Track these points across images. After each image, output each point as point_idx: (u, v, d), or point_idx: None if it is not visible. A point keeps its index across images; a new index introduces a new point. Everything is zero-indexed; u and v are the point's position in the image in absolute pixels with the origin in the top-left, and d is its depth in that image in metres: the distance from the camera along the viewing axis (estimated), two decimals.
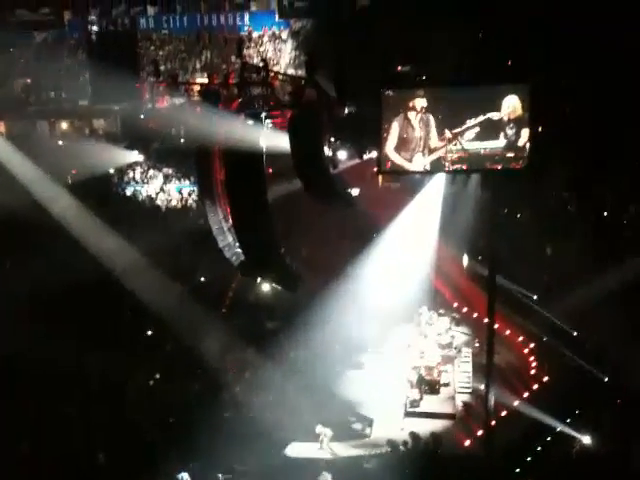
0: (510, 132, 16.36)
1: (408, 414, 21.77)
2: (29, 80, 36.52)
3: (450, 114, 16.51)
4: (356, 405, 22.54)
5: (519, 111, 16.19)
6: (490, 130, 16.41)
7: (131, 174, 34.74)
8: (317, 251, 25.43)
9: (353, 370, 24.72)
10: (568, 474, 17.91)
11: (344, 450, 19.84)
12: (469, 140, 16.39)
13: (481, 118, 16.25)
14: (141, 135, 31.25)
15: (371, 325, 26.71)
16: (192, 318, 22.55)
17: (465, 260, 28.32)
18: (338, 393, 23.19)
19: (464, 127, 16.30)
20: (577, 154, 23.44)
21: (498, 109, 16.20)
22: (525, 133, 16.22)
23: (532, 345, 25.44)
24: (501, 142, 16.45)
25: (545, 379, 23.41)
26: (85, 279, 21.34)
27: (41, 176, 21.68)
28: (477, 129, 16.33)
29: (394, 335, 27.26)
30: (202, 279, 24.92)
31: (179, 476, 18.00)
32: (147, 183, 34.21)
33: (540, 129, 17.32)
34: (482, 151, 16.49)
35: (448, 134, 16.36)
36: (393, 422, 21.31)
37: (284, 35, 40.16)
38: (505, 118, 16.25)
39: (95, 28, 33.90)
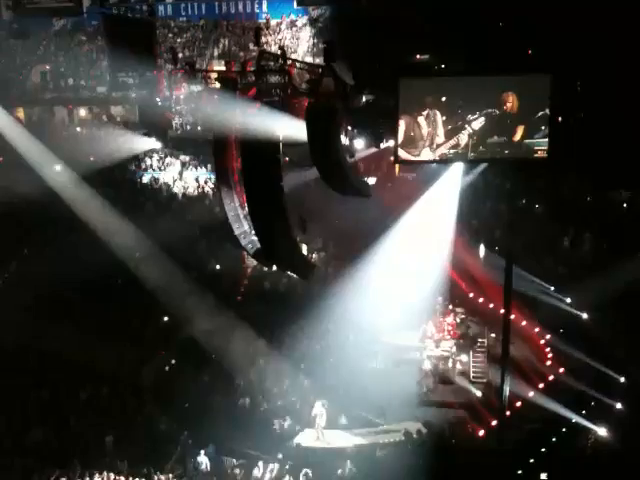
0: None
1: (422, 403, 21.76)
2: (48, 67, 36.68)
3: (464, 105, 16.33)
4: (370, 394, 22.55)
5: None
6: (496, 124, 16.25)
7: (148, 161, 34.88)
8: (332, 240, 25.41)
9: (367, 359, 24.71)
10: (582, 466, 17.84)
11: (357, 438, 19.89)
12: (481, 135, 16.20)
13: (492, 112, 16.07)
14: (159, 122, 31.32)
15: (386, 314, 26.72)
16: (207, 306, 22.65)
17: (482, 251, 28.17)
18: (352, 382, 23.23)
19: (474, 118, 16.12)
20: (594, 147, 23.20)
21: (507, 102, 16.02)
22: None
23: (548, 336, 25.30)
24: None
25: (561, 370, 23.28)
26: (100, 267, 21.48)
27: (58, 163, 21.74)
28: (490, 123, 16.15)
29: (409, 325, 27.23)
30: (217, 267, 24.95)
31: (199, 459, 18.19)
32: (164, 170, 34.35)
33: (560, 120, 17.16)
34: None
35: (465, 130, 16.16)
36: (407, 411, 21.32)
37: (302, 22, 40.03)
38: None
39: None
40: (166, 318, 23.13)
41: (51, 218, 20.45)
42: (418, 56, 22.20)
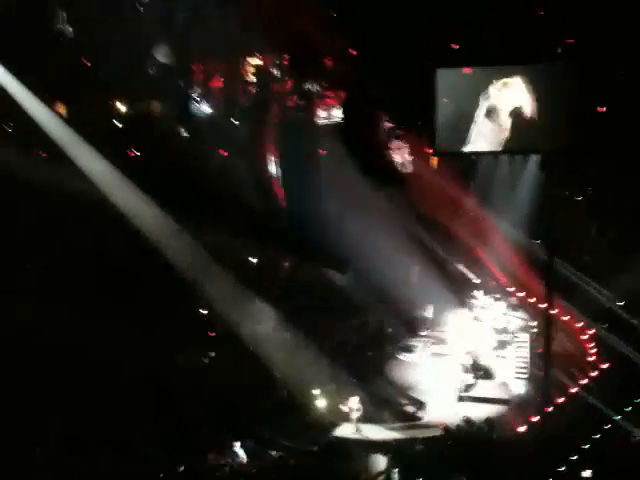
0: None
1: (462, 398, 21.54)
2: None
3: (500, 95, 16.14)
4: (409, 388, 22.42)
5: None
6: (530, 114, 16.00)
7: None
8: (369, 232, 25.22)
9: (406, 353, 24.57)
10: (626, 464, 17.42)
11: (396, 432, 19.78)
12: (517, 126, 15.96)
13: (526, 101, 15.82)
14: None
15: (425, 308, 26.52)
16: (245, 299, 22.71)
17: (522, 243, 27.71)
18: (391, 376, 23.10)
19: (509, 109, 15.90)
20: (623, 136, 22.56)
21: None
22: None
23: (591, 331, 24.81)
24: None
25: (605, 366, 22.80)
26: (137, 258, 21.69)
27: (97, 157, 21.99)
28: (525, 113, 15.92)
29: (448, 319, 26.99)
30: (254, 260, 24.99)
31: (236, 450, 18.32)
32: None
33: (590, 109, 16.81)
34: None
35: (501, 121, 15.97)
36: (446, 406, 21.12)
37: None
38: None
39: None
40: (204, 311, 23.27)
41: (89, 210, 20.71)
42: (453, 46, 21.90)
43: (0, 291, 19.17)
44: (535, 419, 19.70)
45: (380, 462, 18.37)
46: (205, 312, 23.22)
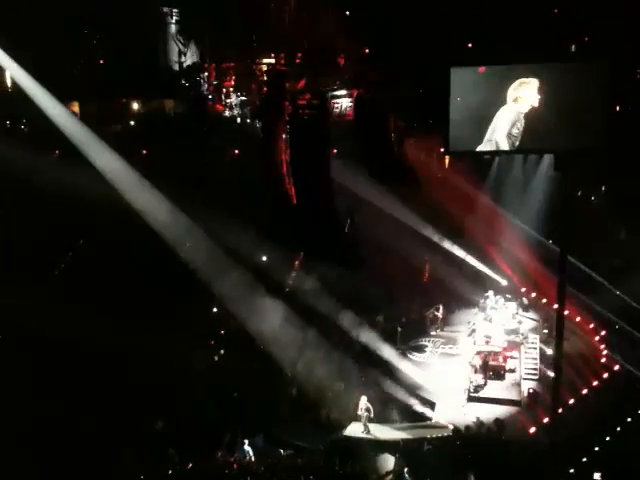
0: None
1: (471, 399, 21.46)
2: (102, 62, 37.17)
3: (518, 93, 15.99)
4: (418, 388, 22.36)
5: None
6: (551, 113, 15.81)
7: None
8: (380, 232, 25.21)
9: (415, 353, 24.53)
10: (636, 466, 17.30)
11: (405, 432, 19.76)
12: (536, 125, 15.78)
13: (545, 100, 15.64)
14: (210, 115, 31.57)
15: (435, 307, 26.46)
16: (255, 297, 22.79)
17: (535, 243, 27.58)
18: (400, 375, 23.06)
19: (528, 107, 15.71)
20: None
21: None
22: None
23: (603, 332, 24.65)
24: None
25: (616, 368, 22.65)
26: (150, 257, 21.84)
27: (111, 156, 22.20)
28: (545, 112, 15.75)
29: (458, 319, 26.92)
30: (264, 258, 25.03)
31: (245, 448, 18.39)
32: None
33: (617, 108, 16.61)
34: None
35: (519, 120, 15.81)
36: (456, 406, 21.07)
37: None
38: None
39: None
40: (215, 309, 23.37)
41: (104, 209, 20.91)
42: (469, 45, 21.82)
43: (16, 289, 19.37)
44: (545, 420, 19.58)
45: (389, 462, 18.37)
46: (216, 310, 23.33)
